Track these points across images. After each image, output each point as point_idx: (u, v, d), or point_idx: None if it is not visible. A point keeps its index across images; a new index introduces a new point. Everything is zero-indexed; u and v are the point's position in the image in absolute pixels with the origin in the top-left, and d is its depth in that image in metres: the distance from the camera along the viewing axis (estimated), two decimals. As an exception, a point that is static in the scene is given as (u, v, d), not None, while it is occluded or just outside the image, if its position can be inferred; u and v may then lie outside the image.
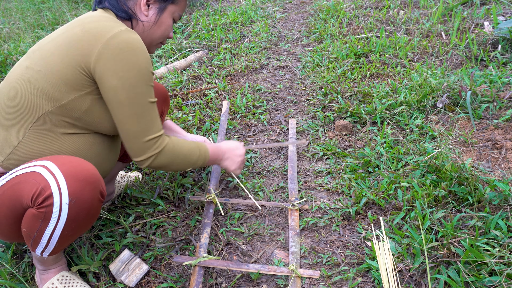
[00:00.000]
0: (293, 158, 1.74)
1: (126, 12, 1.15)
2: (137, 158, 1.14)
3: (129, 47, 1.02)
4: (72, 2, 5.05)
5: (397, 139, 1.79)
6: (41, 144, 1.05)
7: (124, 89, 1.04)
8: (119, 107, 1.06)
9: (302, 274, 1.20)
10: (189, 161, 1.26)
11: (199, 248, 1.30)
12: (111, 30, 1.03)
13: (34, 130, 1.04)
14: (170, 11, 1.22)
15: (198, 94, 2.45)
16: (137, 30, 1.19)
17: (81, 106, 1.06)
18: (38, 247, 1.00)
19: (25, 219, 0.96)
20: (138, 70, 1.04)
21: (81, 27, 1.05)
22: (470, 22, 2.95)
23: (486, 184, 1.38)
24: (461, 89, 1.93)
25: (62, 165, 0.95)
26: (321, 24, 3.47)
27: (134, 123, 1.08)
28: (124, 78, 1.03)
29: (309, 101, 2.27)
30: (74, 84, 1.03)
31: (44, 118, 1.04)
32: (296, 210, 1.45)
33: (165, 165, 1.20)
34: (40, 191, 0.91)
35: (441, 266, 1.15)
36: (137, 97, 1.06)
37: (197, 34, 3.44)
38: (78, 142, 1.10)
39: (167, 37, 1.26)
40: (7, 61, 3.02)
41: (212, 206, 1.48)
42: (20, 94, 1.03)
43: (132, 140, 1.11)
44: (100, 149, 1.16)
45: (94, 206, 0.99)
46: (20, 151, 1.04)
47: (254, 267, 1.23)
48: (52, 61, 1.02)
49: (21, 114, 1.04)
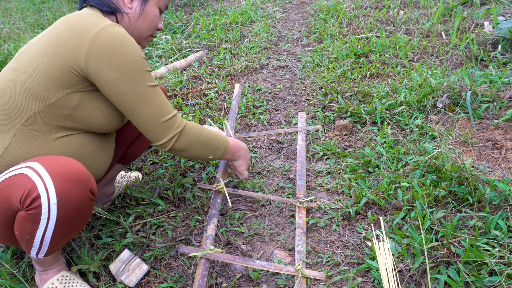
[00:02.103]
0: (302, 154, 1.70)
1: (110, 6, 1.15)
2: (159, 142, 1.15)
3: (117, 39, 1.02)
4: (72, 2, 5.05)
5: (397, 139, 1.79)
6: (30, 146, 1.04)
7: (124, 79, 1.04)
8: (124, 97, 1.07)
9: (308, 275, 1.19)
10: (211, 146, 1.26)
11: (205, 240, 1.28)
12: (96, 25, 1.02)
13: (23, 132, 1.03)
14: (155, 1, 1.20)
15: (198, 94, 2.45)
16: (124, 23, 1.18)
17: (70, 103, 1.05)
18: (32, 249, 0.99)
19: (16, 222, 0.95)
20: (131, 58, 1.04)
21: (65, 25, 1.04)
22: (470, 22, 2.95)
23: (486, 184, 1.38)
24: (461, 89, 1.93)
25: (48, 165, 0.94)
26: (321, 24, 3.47)
27: (144, 109, 1.09)
28: (120, 68, 1.03)
29: (309, 101, 2.27)
30: (62, 82, 1.02)
31: (33, 119, 1.03)
32: (303, 208, 1.44)
33: (187, 148, 1.20)
34: (27, 193, 0.90)
35: (441, 266, 1.15)
36: (138, 83, 1.07)
37: (197, 34, 3.44)
38: (68, 142, 1.09)
39: (156, 29, 1.25)
40: (7, 61, 3.02)
41: (220, 196, 1.44)
42: (8, 96, 1.02)
43: (149, 126, 1.12)
44: (90, 149, 1.15)
45: (84, 205, 0.98)
46: (10, 153, 1.03)
47: (260, 263, 1.21)
48: (39, 61, 1.02)
49: (10, 116, 1.03)
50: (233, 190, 1.49)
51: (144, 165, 1.85)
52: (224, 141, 1.32)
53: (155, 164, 1.86)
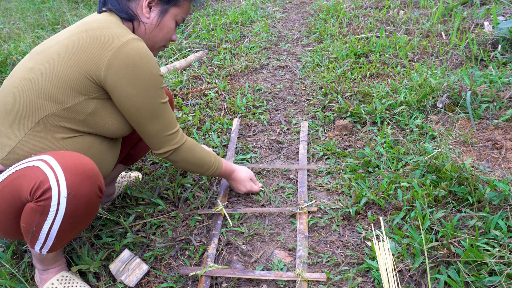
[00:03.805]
0: (303, 161, 1.74)
1: (128, 14, 1.16)
2: (157, 151, 1.24)
3: (138, 55, 1.05)
4: (72, 2, 5.05)
5: (397, 139, 1.79)
6: (41, 144, 1.05)
7: (140, 96, 1.09)
8: (137, 112, 1.12)
9: (309, 278, 1.19)
10: (201, 168, 1.36)
11: (206, 258, 1.30)
12: (120, 38, 1.04)
13: (35, 130, 1.04)
14: (173, 14, 1.21)
15: (198, 94, 2.45)
16: (139, 32, 1.20)
17: (86, 109, 1.07)
18: (37, 242, 1.00)
19: (24, 214, 0.96)
20: (150, 76, 1.08)
21: (88, 32, 1.05)
22: (470, 22, 2.95)
23: (486, 184, 1.38)
24: (461, 89, 1.93)
25: (61, 159, 0.95)
26: (321, 24, 3.47)
27: (153, 123, 1.16)
28: (138, 86, 1.07)
29: (309, 101, 2.27)
30: (80, 89, 1.04)
31: (46, 120, 1.04)
32: (304, 213, 1.45)
33: (181, 161, 1.29)
34: (38, 185, 0.91)
35: (441, 266, 1.15)
36: (152, 100, 1.12)
37: (197, 34, 3.44)
38: (78, 142, 1.10)
39: (169, 40, 1.27)
40: (7, 61, 3.02)
41: (220, 217, 1.47)
42: (24, 95, 1.04)
43: (153, 138, 1.20)
44: (100, 149, 1.16)
45: (92, 200, 0.99)
46: (20, 149, 1.04)
47: (260, 273, 1.22)
48: (58, 65, 1.03)
49: (24, 114, 1.04)
50: (233, 210, 1.50)
51: (144, 165, 1.85)
52: (217, 161, 1.41)
53: (155, 164, 1.86)
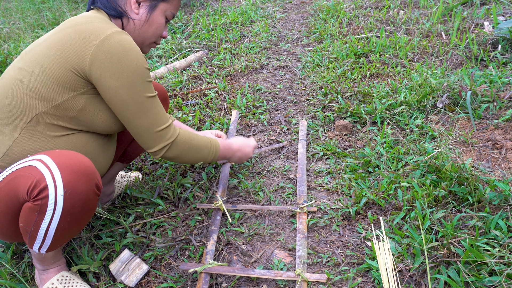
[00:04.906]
0: (303, 160, 1.73)
1: (116, 10, 1.16)
2: (151, 150, 1.20)
3: (122, 47, 1.04)
4: (72, 2, 5.05)
5: (397, 139, 1.79)
6: (35, 143, 1.05)
7: (124, 88, 1.07)
8: (123, 105, 1.09)
9: (309, 278, 1.19)
10: (201, 154, 1.31)
11: (205, 255, 1.29)
12: (103, 31, 1.04)
13: (28, 130, 1.05)
14: (162, 9, 1.21)
15: (198, 94, 2.45)
16: (128, 28, 1.19)
17: (76, 105, 1.07)
18: (36, 242, 1.00)
19: (22, 214, 0.96)
20: (134, 68, 1.06)
21: (73, 28, 1.06)
22: (470, 22, 2.95)
23: (486, 184, 1.38)
24: (461, 89, 1.93)
25: (56, 158, 0.95)
26: (321, 24, 3.47)
27: (141, 118, 1.13)
28: (122, 78, 1.05)
29: (309, 101, 2.27)
30: (68, 85, 1.04)
31: (38, 119, 1.04)
32: (304, 213, 1.45)
33: (178, 156, 1.25)
34: (35, 184, 0.91)
35: (441, 266, 1.15)
36: (138, 94, 1.09)
37: (197, 34, 3.44)
38: (72, 140, 1.10)
39: (160, 36, 1.26)
40: (7, 61, 3.02)
41: (219, 213, 1.47)
42: (14, 95, 1.04)
43: (143, 134, 1.16)
44: (94, 147, 1.16)
45: (90, 198, 0.99)
46: (15, 150, 1.05)
47: (260, 272, 1.22)
48: (45, 62, 1.03)
49: (15, 115, 1.04)
50: (232, 206, 1.50)
51: (144, 165, 1.85)
52: (214, 146, 1.37)
53: (155, 164, 1.86)
